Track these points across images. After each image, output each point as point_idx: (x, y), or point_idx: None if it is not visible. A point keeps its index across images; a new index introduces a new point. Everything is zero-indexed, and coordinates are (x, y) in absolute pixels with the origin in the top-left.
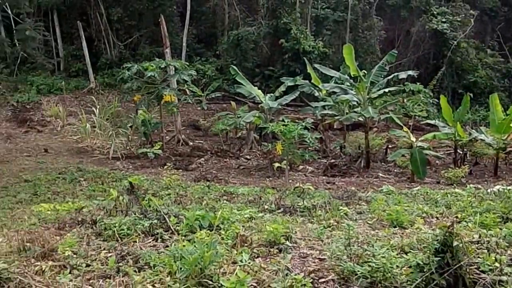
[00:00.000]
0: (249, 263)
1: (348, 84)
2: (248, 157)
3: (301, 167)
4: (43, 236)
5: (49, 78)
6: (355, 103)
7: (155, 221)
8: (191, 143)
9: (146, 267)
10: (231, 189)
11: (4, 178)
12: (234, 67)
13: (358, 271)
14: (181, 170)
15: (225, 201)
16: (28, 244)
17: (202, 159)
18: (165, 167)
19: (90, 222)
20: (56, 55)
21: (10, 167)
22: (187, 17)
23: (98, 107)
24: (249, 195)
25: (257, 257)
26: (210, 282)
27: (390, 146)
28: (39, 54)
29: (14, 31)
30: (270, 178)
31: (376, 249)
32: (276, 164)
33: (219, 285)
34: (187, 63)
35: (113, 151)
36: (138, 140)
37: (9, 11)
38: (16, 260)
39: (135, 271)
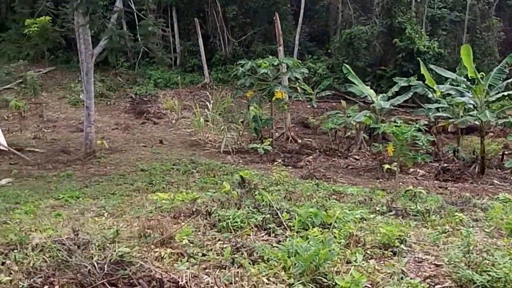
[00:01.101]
0: (363, 264)
1: (465, 86)
2: (356, 157)
3: (411, 170)
4: (161, 224)
5: (166, 72)
6: (471, 106)
7: (268, 215)
8: (300, 141)
9: (260, 260)
10: (340, 189)
11: (122, 166)
12: (347, 65)
13: (477, 280)
14: (289, 167)
15: (334, 200)
16: (148, 230)
17: (311, 157)
18: (275, 163)
19: (205, 213)
20: (173, 50)
21: (127, 156)
22: (301, 15)
23: (211, 102)
24: (358, 195)
25: (371, 258)
26: (325, 280)
27: (506, 153)
28: (159, 49)
29: (137, 27)
30: (380, 180)
31: (496, 258)
32: (386, 166)
33: (334, 283)
34: (299, 61)
35: (224, 145)
36: (249, 136)
37: (133, 7)
38: (136, 245)
39: (249, 263)
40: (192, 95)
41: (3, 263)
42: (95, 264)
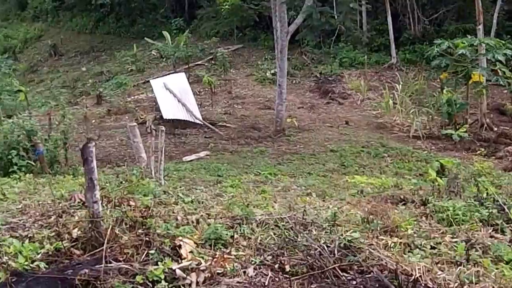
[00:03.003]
0: None
1: None
2: None
3: None
4: (384, 210)
5: (351, 51)
6: None
7: (494, 210)
8: (496, 129)
9: (496, 260)
10: None
11: (311, 146)
12: None
13: None
14: (486, 157)
15: None
16: (370, 216)
17: (510, 147)
18: (478, 152)
19: (417, 202)
20: (359, 29)
21: (315, 136)
22: None
23: (401, 83)
24: None
25: None
26: None
27: None
28: (355, 28)
29: (336, 3)
30: None
31: None
32: None
33: None
34: (502, 42)
35: (414, 130)
36: (439, 121)
37: None
38: (358, 231)
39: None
40: (378, 75)
41: (232, 237)
42: (325, 247)
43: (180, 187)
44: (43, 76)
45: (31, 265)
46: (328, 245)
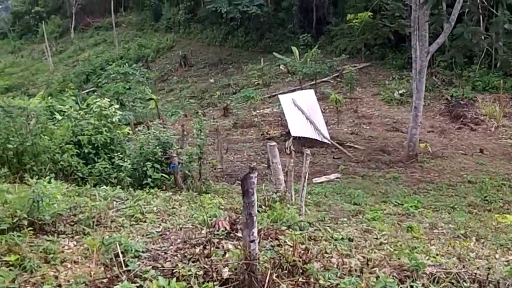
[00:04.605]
0: None
1: None
2: None
3: None
4: None
5: (485, 75)
6: None
7: None
8: None
9: None
10: None
11: (446, 174)
12: None
13: None
14: None
15: None
16: None
17: None
18: None
19: None
20: (494, 50)
21: (449, 163)
22: None
23: None
24: None
25: None
26: None
27: None
28: (505, 49)
29: (489, 24)
30: None
31: None
32: None
33: None
34: None
35: None
36: None
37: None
38: None
39: None
40: None
41: None
42: None
43: (324, 218)
44: (173, 86)
45: None
46: None
